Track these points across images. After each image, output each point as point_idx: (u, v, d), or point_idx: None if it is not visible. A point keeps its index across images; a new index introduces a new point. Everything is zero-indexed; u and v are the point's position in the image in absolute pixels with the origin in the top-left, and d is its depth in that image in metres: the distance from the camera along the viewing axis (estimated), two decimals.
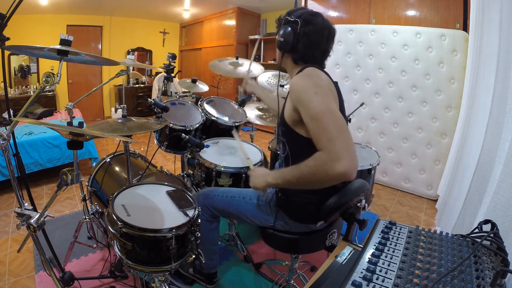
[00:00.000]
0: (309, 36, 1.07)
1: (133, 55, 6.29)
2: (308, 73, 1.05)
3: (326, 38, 1.10)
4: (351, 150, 0.87)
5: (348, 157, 0.85)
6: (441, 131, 2.79)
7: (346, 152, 0.86)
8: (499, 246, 0.71)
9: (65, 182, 1.03)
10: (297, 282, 1.61)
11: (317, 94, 0.95)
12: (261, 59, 5.50)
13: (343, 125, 0.91)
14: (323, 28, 1.08)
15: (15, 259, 1.87)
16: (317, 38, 1.08)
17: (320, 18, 1.09)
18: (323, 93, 0.96)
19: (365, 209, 1.75)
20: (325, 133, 0.90)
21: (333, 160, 0.86)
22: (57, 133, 2.85)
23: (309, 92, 0.96)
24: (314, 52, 1.10)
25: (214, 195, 1.35)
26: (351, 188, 1.12)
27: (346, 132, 0.90)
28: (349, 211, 1.11)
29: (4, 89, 1.87)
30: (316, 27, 1.07)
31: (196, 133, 1.97)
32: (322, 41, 1.09)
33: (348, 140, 0.88)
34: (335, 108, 0.94)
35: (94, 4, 4.93)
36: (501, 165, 1.17)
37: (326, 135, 0.89)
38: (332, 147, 0.87)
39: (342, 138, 0.88)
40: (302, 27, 1.06)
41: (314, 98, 0.94)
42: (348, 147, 0.87)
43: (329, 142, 0.88)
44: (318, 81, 1.00)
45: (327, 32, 1.09)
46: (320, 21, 1.08)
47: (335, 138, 0.88)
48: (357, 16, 3.46)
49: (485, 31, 1.75)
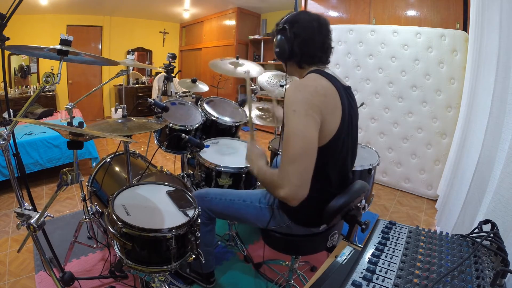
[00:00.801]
0: (300, 34, 1.05)
1: (133, 55, 6.29)
2: (303, 83, 1.03)
3: (318, 29, 1.06)
4: (297, 180, 0.91)
5: (290, 186, 0.91)
6: (441, 131, 2.79)
7: (290, 181, 0.91)
8: (499, 246, 0.71)
9: (65, 182, 1.03)
10: (297, 282, 1.61)
11: (294, 113, 0.94)
12: (261, 59, 5.50)
13: (304, 151, 0.92)
14: (310, 21, 1.06)
15: (15, 259, 1.87)
16: (308, 33, 1.06)
17: (304, 13, 1.08)
18: (302, 111, 0.94)
19: (365, 209, 1.75)
20: (284, 155, 0.94)
21: (278, 184, 0.93)
22: (57, 133, 2.85)
23: (289, 108, 0.96)
24: (313, 49, 1.08)
25: (211, 197, 1.33)
26: (352, 190, 1.12)
27: (303, 160, 0.92)
28: (351, 213, 1.10)
29: (4, 89, 1.87)
30: (303, 22, 1.06)
31: (196, 133, 1.97)
32: (314, 33, 1.06)
33: (300, 169, 0.91)
34: (307, 131, 0.93)
35: (94, 4, 4.93)
36: (501, 165, 1.17)
37: (284, 157, 0.94)
38: (282, 171, 0.93)
39: (293, 167, 0.91)
40: (290, 29, 1.06)
41: (291, 116, 0.95)
42: (296, 176, 0.91)
43: (283, 164, 0.94)
44: (305, 96, 0.97)
45: (316, 23, 1.06)
46: (304, 16, 1.07)
47: (289, 163, 0.92)
48: (357, 16, 3.46)
49: (485, 31, 1.75)
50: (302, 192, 0.92)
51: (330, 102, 1.01)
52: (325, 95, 1.00)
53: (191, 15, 6.12)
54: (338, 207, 1.05)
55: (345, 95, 1.06)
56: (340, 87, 1.05)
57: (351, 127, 1.10)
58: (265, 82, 2.26)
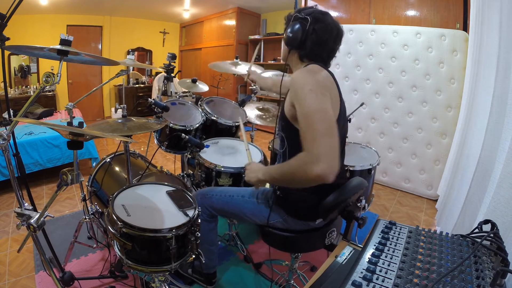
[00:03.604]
0: (318, 33, 1.07)
1: (133, 55, 6.29)
2: (310, 69, 1.05)
3: (335, 37, 1.10)
4: (331, 154, 0.88)
5: (326, 161, 0.87)
6: (441, 131, 2.79)
7: (326, 156, 0.87)
8: (499, 246, 0.71)
9: (65, 182, 1.03)
10: (297, 282, 1.61)
11: (311, 91, 0.95)
12: (261, 59, 5.50)
13: (331, 127, 0.91)
14: (332, 27, 1.09)
15: (15, 259, 1.87)
16: (326, 37, 1.08)
17: (330, 17, 1.10)
18: (319, 91, 0.96)
19: (365, 209, 1.75)
20: (311, 132, 0.91)
21: (312, 162, 0.88)
22: (57, 133, 2.85)
23: (305, 89, 0.96)
24: (321, 51, 1.10)
25: (212, 195, 1.35)
26: (349, 186, 1.13)
27: (332, 135, 0.90)
28: (348, 209, 1.11)
29: (4, 89, 1.87)
30: (326, 25, 1.08)
31: (196, 133, 1.97)
32: (330, 40, 1.09)
33: (332, 143, 0.89)
34: (328, 108, 0.94)
35: (94, 4, 4.93)
36: (501, 165, 1.17)
37: (311, 135, 0.91)
38: (314, 149, 0.89)
39: (326, 140, 0.89)
40: (312, 24, 1.06)
41: (308, 95, 0.95)
42: (330, 151, 0.88)
43: (312, 142, 0.90)
44: (318, 78, 1.00)
45: (336, 31, 1.10)
46: (330, 20, 1.09)
47: (319, 139, 0.89)
48: (357, 16, 3.46)
49: (485, 31, 1.75)
50: (337, 165, 0.88)
51: (334, 90, 1.06)
52: (331, 82, 1.06)
53: (191, 15, 6.12)
54: (333, 202, 1.06)
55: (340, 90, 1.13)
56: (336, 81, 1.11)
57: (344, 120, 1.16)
58: None
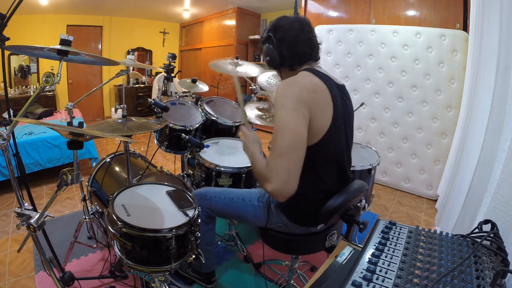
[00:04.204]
0: (284, 38, 1.08)
1: (133, 55, 6.29)
2: (293, 80, 1.04)
3: (301, 29, 1.08)
4: (284, 175, 0.90)
5: (276, 181, 0.89)
6: (441, 131, 2.79)
7: (277, 176, 0.90)
8: (499, 246, 0.71)
9: (65, 182, 1.03)
10: (297, 282, 1.61)
11: (283, 107, 0.95)
12: (261, 59, 5.50)
13: (292, 146, 0.91)
14: (291, 23, 1.08)
15: (15, 259, 1.87)
16: (292, 35, 1.08)
17: (283, 18, 1.10)
18: (291, 106, 0.94)
19: (365, 209, 1.75)
20: (273, 148, 0.94)
21: (266, 178, 0.92)
22: (57, 133, 2.85)
23: (278, 103, 0.97)
24: (301, 49, 1.09)
25: (210, 196, 1.34)
26: (350, 189, 1.11)
27: (291, 154, 0.91)
28: (349, 213, 1.10)
29: (4, 89, 1.87)
30: (284, 26, 1.08)
31: (196, 133, 1.97)
32: (298, 34, 1.08)
33: (287, 164, 0.90)
34: (295, 125, 0.93)
35: (94, 4, 4.93)
36: (501, 165, 1.17)
37: (273, 151, 0.94)
38: (269, 165, 0.93)
39: (282, 161, 0.91)
40: (275, 35, 1.08)
41: (279, 110, 0.95)
42: (283, 171, 0.90)
43: (271, 158, 0.93)
44: (294, 91, 0.97)
45: (297, 23, 1.09)
46: (284, 20, 1.09)
47: (276, 157, 0.92)
48: (357, 16, 3.45)
49: (485, 31, 1.75)
50: (289, 187, 0.90)
51: (321, 99, 1.01)
52: (314, 92, 1.00)
53: (191, 15, 6.11)
54: (335, 207, 1.04)
55: (338, 94, 1.07)
56: (332, 86, 1.06)
57: (346, 126, 1.10)
58: (265, 82, 2.26)
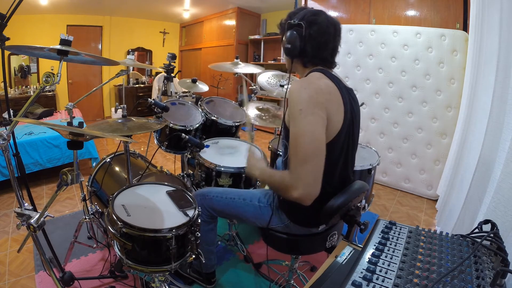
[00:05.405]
0: (316, 37, 1.03)
1: (133, 55, 6.29)
2: (306, 81, 1.02)
3: (333, 35, 1.06)
4: (310, 180, 0.91)
5: (304, 187, 0.91)
6: (441, 131, 2.79)
7: (303, 181, 0.91)
8: (499, 246, 0.71)
9: (65, 182, 1.03)
10: (297, 282, 1.61)
11: (301, 112, 0.94)
12: (261, 59, 5.50)
13: (314, 151, 0.92)
14: (328, 26, 1.04)
15: (15, 259, 1.87)
16: (325, 38, 1.04)
17: (323, 16, 1.05)
18: (309, 110, 0.94)
19: (365, 209, 1.74)
20: (295, 155, 0.94)
21: (292, 185, 0.93)
22: (57, 133, 2.85)
23: (295, 108, 0.96)
24: (323, 52, 1.07)
25: (212, 196, 1.33)
26: (351, 190, 1.11)
27: (315, 160, 0.92)
28: (350, 213, 1.10)
29: (4, 89, 1.87)
30: (322, 26, 1.03)
31: (196, 133, 1.97)
32: (329, 40, 1.05)
33: (312, 169, 0.91)
34: (315, 130, 0.93)
35: (94, 4, 4.93)
36: (501, 165, 1.17)
37: (295, 158, 0.94)
38: (294, 173, 0.93)
39: (307, 165, 0.91)
40: (307, 29, 1.02)
41: (298, 116, 0.95)
42: (308, 177, 0.91)
43: (295, 166, 0.93)
44: (310, 94, 0.96)
45: (333, 28, 1.05)
46: (324, 19, 1.04)
47: (300, 164, 0.92)
48: (357, 16, 3.46)
49: (485, 31, 1.75)
50: (315, 191, 0.93)
51: (334, 100, 1.01)
52: (329, 93, 1.00)
53: (191, 15, 6.11)
54: (336, 207, 1.04)
55: (347, 96, 1.07)
56: (342, 88, 1.06)
57: (353, 128, 1.10)
58: (265, 82, 2.26)
